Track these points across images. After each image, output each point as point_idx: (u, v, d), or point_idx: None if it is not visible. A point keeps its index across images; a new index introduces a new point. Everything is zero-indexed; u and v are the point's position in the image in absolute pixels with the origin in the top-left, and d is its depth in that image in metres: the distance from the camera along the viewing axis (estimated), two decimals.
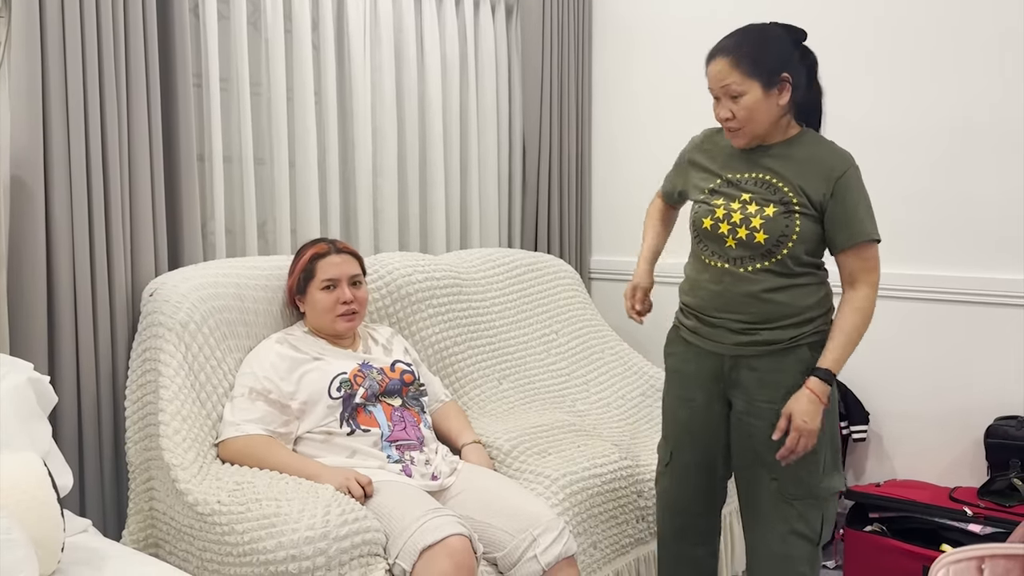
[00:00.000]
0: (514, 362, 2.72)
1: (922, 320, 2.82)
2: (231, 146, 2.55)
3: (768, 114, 1.81)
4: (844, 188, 1.82)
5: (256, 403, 1.97)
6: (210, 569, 1.78)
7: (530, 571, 1.85)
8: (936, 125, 2.76)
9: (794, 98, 1.83)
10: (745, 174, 1.89)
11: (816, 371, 1.82)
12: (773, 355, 1.87)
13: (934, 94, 2.76)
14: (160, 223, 2.24)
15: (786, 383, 1.86)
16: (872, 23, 2.87)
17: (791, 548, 1.89)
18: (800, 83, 1.83)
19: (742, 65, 1.78)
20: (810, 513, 1.89)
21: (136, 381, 2.03)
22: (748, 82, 1.78)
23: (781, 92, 1.80)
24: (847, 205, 1.82)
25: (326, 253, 2.15)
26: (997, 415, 2.67)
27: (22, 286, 1.99)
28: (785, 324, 1.86)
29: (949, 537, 2.42)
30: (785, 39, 1.82)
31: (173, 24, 2.24)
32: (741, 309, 1.87)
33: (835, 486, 1.92)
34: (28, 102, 1.96)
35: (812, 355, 1.85)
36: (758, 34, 1.83)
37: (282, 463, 1.90)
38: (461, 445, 2.20)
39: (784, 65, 1.80)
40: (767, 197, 1.85)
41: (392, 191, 2.94)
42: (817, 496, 1.88)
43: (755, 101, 1.79)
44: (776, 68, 1.79)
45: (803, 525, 1.89)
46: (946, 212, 2.76)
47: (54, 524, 1.44)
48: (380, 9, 2.85)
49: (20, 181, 1.98)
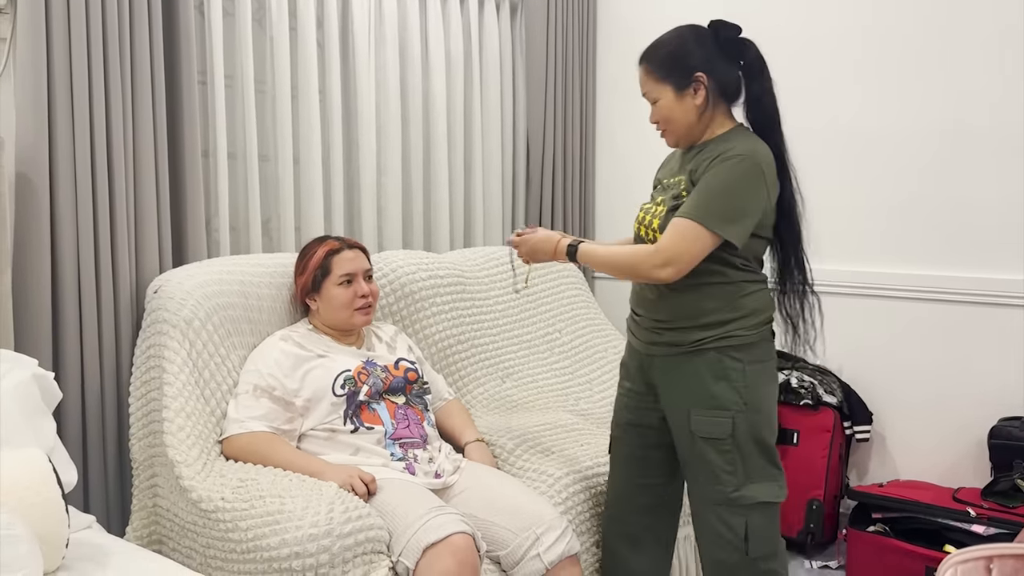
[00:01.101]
0: (517, 361, 2.72)
1: (927, 321, 2.82)
2: (235, 143, 2.55)
3: (685, 115, 1.80)
4: (711, 171, 1.75)
5: (260, 400, 1.98)
6: (213, 566, 1.78)
7: (533, 569, 1.85)
8: (941, 126, 2.76)
9: (720, 94, 1.81)
10: (671, 177, 1.90)
11: (571, 244, 1.89)
12: (678, 357, 1.84)
13: (934, 95, 2.75)
14: (164, 220, 2.24)
15: (691, 387, 1.82)
16: (867, 26, 2.86)
17: (720, 553, 1.86)
18: (723, 80, 1.80)
19: (654, 71, 1.81)
20: (732, 520, 1.82)
21: (140, 378, 2.03)
22: (660, 87, 1.80)
23: (696, 92, 1.79)
24: (702, 185, 1.76)
25: (340, 249, 2.16)
26: (1001, 416, 2.67)
27: (27, 282, 1.99)
28: (688, 326, 1.82)
29: (952, 538, 2.41)
30: (700, 39, 1.80)
31: (178, 21, 2.24)
32: (648, 307, 1.89)
33: (757, 496, 1.81)
34: (33, 99, 1.96)
35: (720, 360, 1.79)
36: (669, 38, 1.83)
37: (286, 460, 1.90)
38: (464, 443, 2.20)
39: (698, 65, 1.78)
40: (670, 196, 1.84)
41: (396, 189, 2.94)
42: (736, 504, 1.81)
43: (669, 104, 1.80)
44: (687, 70, 1.78)
45: (727, 531, 1.83)
46: (951, 212, 2.76)
47: (58, 520, 1.44)
48: (385, 7, 2.85)
49: (25, 178, 1.98)
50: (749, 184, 1.74)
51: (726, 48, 1.80)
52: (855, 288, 2.95)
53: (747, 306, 1.82)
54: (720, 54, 1.80)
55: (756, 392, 1.81)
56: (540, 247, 1.96)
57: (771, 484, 1.84)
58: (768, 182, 1.76)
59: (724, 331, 1.80)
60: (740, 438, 1.80)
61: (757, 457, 1.82)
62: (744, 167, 1.73)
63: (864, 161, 2.93)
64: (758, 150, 1.76)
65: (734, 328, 1.80)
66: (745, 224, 1.74)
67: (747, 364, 1.80)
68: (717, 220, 1.72)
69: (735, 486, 1.81)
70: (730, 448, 1.80)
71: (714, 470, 1.82)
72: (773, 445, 1.85)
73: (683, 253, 1.72)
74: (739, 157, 1.73)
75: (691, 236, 1.72)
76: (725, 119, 1.85)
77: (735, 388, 1.79)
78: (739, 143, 1.77)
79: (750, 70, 1.81)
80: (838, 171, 2.98)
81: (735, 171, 1.73)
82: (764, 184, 1.75)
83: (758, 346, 1.83)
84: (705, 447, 1.82)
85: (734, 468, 1.81)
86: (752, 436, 1.81)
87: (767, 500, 1.83)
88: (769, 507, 1.84)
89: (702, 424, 1.81)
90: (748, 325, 1.81)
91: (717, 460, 1.81)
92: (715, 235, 1.72)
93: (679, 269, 1.73)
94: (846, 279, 2.97)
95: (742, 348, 1.80)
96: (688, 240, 1.72)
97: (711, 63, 1.78)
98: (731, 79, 1.81)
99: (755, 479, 1.82)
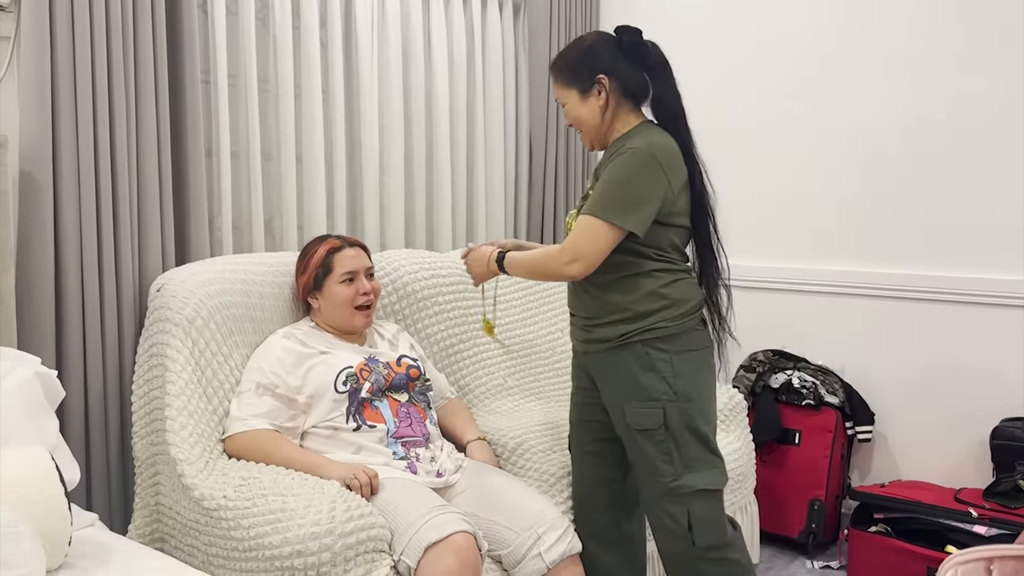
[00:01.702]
0: (519, 360, 2.72)
1: (929, 321, 2.82)
2: (239, 142, 2.56)
3: (591, 116, 1.89)
4: (608, 168, 1.84)
5: (263, 398, 1.98)
6: (216, 564, 1.78)
7: (534, 569, 1.85)
8: (946, 123, 2.76)
9: (625, 94, 1.88)
10: (592, 181, 1.96)
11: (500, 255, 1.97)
12: (609, 352, 1.89)
13: (940, 93, 2.75)
14: (168, 219, 2.24)
15: (623, 380, 1.87)
16: (877, 21, 2.86)
17: (670, 545, 1.90)
18: (626, 81, 1.87)
19: (561, 76, 1.92)
20: (675, 511, 1.87)
21: (143, 376, 2.04)
22: (567, 91, 1.91)
23: (600, 94, 1.87)
24: (600, 182, 1.85)
25: (341, 247, 2.16)
26: (1003, 416, 2.67)
27: (30, 281, 2.00)
28: (614, 320, 1.87)
29: (954, 538, 2.41)
30: (603, 44, 1.89)
31: (181, 20, 2.25)
32: (578, 306, 1.96)
33: (696, 484, 1.85)
34: (37, 98, 1.96)
35: (647, 352, 1.84)
36: (573, 46, 1.93)
37: (288, 457, 1.91)
38: (466, 442, 2.20)
39: (600, 68, 1.86)
40: (582, 199, 1.94)
41: (399, 188, 2.94)
42: (677, 494, 1.85)
43: (575, 106, 1.90)
44: (590, 73, 1.87)
45: (671, 522, 1.87)
46: (954, 212, 2.76)
47: (61, 518, 1.45)
48: (388, 7, 2.85)
49: (29, 176, 1.98)
50: (643, 174, 1.80)
51: (629, 51, 1.88)
52: (858, 288, 2.95)
53: (669, 296, 1.86)
54: (623, 57, 1.88)
55: (686, 381, 1.85)
56: (479, 267, 2.05)
57: (710, 471, 1.88)
58: (667, 171, 1.81)
59: (648, 323, 1.85)
60: (673, 428, 1.84)
61: (693, 445, 1.86)
62: (638, 159, 1.80)
63: (866, 159, 2.92)
64: (655, 142, 1.82)
65: (658, 320, 1.85)
66: (643, 213, 1.80)
67: (674, 354, 1.85)
68: (614, 212, 1.79)
69: (673, 476, 1.85)
70: (664, 438, 1.85)
71: (652, 461, 1.87)
72: (709, 433, 1.89)
73: (587, 248, 1.80)
74: (632, 151, 1.81)
75: (592, 230, 1.80)
76: (630, 117, 1.92)
77: (664, 379, 1.84)
78: (637, 139, 1.85)
79: (652, 71, 1.90)
80: (840, 170, 2.98)
81: (629, 164, 1.80)
82: (661, 173, 1.80)
83: (686, 335, 1.87)
84: (642, 439, 1.87)
85: (670, 458, 1.85)
86: (685, 425, 1.85)
87: (706, 487, 1.87)
88: (710, 495, 1.88)
89: (635, 416, 1.87)
90: (672, 316, 1.86)
91: (653, 451, 1.86)
92: (614, 226, 1.79)
93: (586, 264, 1.81)
94: (849, 279, 2.97)
95: (668, 339, 1.85)
96: (590, 235, 1.80)
97: (614, 66, 1.87)
98: (634, 80, 1.89)
99: (693, 468, 1.86)
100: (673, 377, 1.84)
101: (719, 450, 1.92)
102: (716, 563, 1.88)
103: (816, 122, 3.03)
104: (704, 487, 1.86)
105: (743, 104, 3.20)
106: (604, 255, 1.82)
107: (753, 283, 3.21)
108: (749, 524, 2.66)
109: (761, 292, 3.20)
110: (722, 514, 1.92)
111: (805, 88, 3.04)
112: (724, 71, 3.24)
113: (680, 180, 1.84)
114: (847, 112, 2.95)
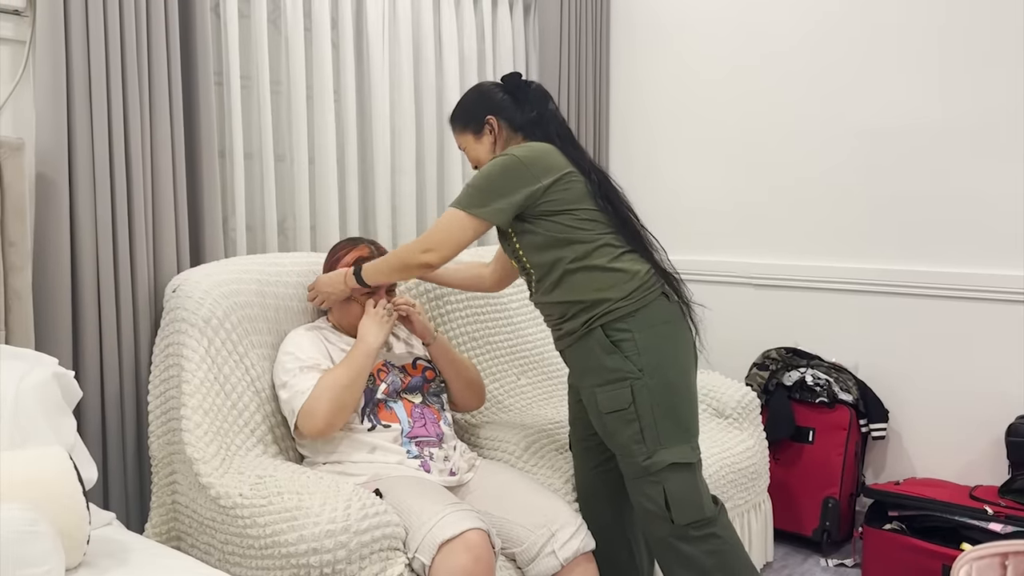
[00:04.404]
0: (532, 358, 2.73)
1: (943, 318, 2.81)
2: (251, 143, 2.57)
3: (486, 152, 2.06)
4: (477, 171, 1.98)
5: (309, 374, 1.98)
6: (232, 562, 1.80)
7: (548, 566, 1.85)
8: (957, 122, 2.74)
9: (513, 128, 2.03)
10: None
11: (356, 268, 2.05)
12: (576, 343, 1.94)
13: (948, 92, 2.74)
14: (182, 220, 2.26)
15: (591, 366, 1.91)
16: (885, 21, 2.85)
17: (653, 528, 1.91)
18: (512, 117, 2.03)
19: (455, 126, 2.11)
20: (651, 491, 1.88)
21: (159, 376, 2.05)
22: (463, 136, 2.09)
23: (490, 132, 2.05)
24: (467, 182, 1.96)
25: (369, 257, 2.15)
26: (1019, 413, 2.65)
27: (47, 282, 2.02)
28: (574, 312, 1.92)
29: (969, 536, 2.40)
30: (488, 91, 2.07)
31: (194, 23, 2.26)
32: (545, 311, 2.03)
33: (667, 459, 1.85)
34: (53, 101, 1.98)
35: (608, 335, 1.87)
36: (464, 98, 2.11)
37: (340, 372, 1.95)
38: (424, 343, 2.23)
39: (487, 111, 2.04)
40: None
41: (411, 188, 2.95)
42: (651, 472, 1.86)
43: (472, 148, 2.08)
44: (479, 116, 2.05)
45: (650, 503, 1.88)
46: (968, 209, 2.74)
47: (80, 517, 1.46)
48: (399, 7, 2.86)
49: (46, 178, 2.00)
50: (503, 172, 1.89)
51: (513, 92, 2.06)
52: (871, 285, 2.94)
53: (612, 278, 1.90)
54: (509, 98, 2.05)
55: (653, 357, 1.86)
56: (334, 287, 2.12)
57: (681, 446, 1.88)
58: (531, 166, 1.89)
59: (604, 308, 1.88)
60: (641, 405, 1.85)
61: (663, 421, 1.86)
62: (499, 161, 1.91)
63: (880, 158, 2.91)
64: (520, 148, 1.92)
65: (611, 303, 1.88)
66: (500, 205, 1.88)
67: (636, 332, 1.87)
68: (472, 204, 1.90)
69: (645, 454, 1.86)
70: (633, 417, 1.86)
71: (625, 443, 1.88)
72: (680, 407, 1.89)
73: (441, 237, 1.91)
74: (498, 156, 1.93)
75: (448, 221, 1.91)
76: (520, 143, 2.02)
77: (627, 358, 1.86)
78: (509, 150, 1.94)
79: (535, 104, 2.04)
80: (853, 168, 2.97)
81: (492, 165, 1.91)
82: (524, 169, 1.89)
83: (644, 311, 1.89)
84: (614, 423, 1.88)
85: (641, 436, 1.86)
86: (653, 401, 1.86)
87: (678, 461, 1.86)
88: (684, 469, 1.87)
89: (605, 399, 1.89)
90: (622, 295, 1.89)
91: (625, 432, 1.87)
92: (471, 216, 1.89)
93: (441, 254, 1.91)
94: (862, 276, 2.96)
95: (626, 318, 1.88)
96: (446, 225, 1.91)
97: (499, 107, 2.04)
98: (520, 115, 2.04)
99: (664, 443, 1.86)
100: (638, 355, 1.85)
101: (695, 426, 1.91)
102: (699, 541, 1.87)
103: (829, 121, 3.02)
104: (676, 460, 1.86)
105: (753, 102, 3.19)
106: (461, 245, 1.91)
107: (766, 281, 3.20)
108: (763, 522, 2.65)
109: (774, 290, 3.20)
110: (699, 490, 1.90)
111: (817, 86, 3.04)
112: (731, 67, 3.23)
113: (554, 174, 1.90)
114: (862, 111, 2.94)
